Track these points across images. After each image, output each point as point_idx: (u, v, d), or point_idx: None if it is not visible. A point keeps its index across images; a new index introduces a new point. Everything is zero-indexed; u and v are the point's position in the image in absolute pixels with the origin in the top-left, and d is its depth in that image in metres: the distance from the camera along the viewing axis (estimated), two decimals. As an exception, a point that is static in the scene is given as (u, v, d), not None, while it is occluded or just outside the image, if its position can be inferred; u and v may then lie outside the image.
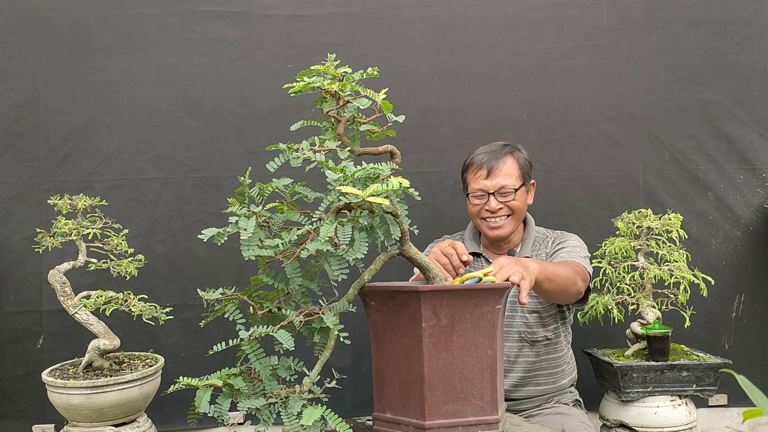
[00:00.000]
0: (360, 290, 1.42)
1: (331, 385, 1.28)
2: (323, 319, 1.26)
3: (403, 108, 2.39)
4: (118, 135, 2.35)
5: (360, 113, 1.41)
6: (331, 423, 1.24)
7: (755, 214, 2.51)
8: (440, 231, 2.43)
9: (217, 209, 2.37)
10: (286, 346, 1.21)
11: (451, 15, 2.46)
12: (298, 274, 1.27)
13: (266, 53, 2.40)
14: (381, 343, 1.43)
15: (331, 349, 1.34)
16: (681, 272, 1.96)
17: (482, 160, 1.98)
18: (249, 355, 1.26)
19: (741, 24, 2.50)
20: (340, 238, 1.20)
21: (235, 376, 1.28)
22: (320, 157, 1.28)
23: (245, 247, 1.20)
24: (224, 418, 1.24)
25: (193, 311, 2.35)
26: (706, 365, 1.94)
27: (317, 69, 1.40)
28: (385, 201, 1.19)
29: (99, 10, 2.35)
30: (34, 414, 2.29)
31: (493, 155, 1.98)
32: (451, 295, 1.30)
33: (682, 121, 2.50)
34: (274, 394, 1.25)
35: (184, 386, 1.24)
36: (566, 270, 1.74)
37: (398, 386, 1.38)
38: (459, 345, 1.31)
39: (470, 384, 1.31)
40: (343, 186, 1.19)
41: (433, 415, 1.31)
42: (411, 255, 1.41)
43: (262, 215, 1.28)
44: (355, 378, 2.39)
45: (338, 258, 1.21)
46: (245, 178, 1.32)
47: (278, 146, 1.33)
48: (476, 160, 1.99)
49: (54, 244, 1.83)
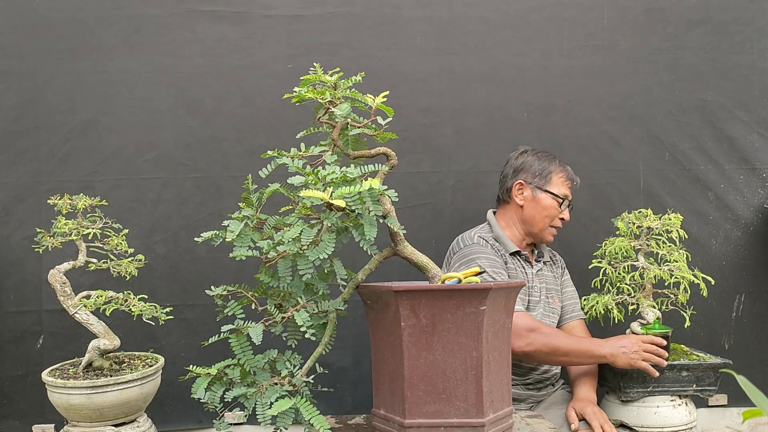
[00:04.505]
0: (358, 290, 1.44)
1: (308, 379, 1.35)
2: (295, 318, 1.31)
3: (403, 108, 2.42)
4: (118, 135, 2.35)
5: (358, 117, 1.42)
6: (306, 415, 1.26)
7: (755, 214, 2.50)
8: (440, 231, 2.43)
9: (217, 209, 2.37)
10: (255, 341, 1.30)
11: (451, 15, 2.46)
12: (289, 273, 1.32)
13: (266, 53, 2.40)
14: (375, 341, 1.44)
15: (323, 346, 1.38)
16: (681, 272, 1.96)
17: (570, 173, 2.13)
18: (235, 349, 1.34)
19: (741, 24, 2.50)
20: (303, 239, 1.24)
21: (232, 367, 1.36)
22: (298, 163, 1.33)
23: (236, 247, 1.30)
24: (215, 404, 1.35)
25: (193, 311, 2.35)
26: (706, 365, 1.94)
27: (307, 78, 1.42)
28: (342, 203, 1.22)
29: (99, 9, 2.35)
30: (34, 414, 2.29)
31: (573, 172, 2.15)
32: (429, 295, 1.30)
33: (682, 121, 2.50)
34: (259, 386, 1.31)
35: (195, 375, 1.36)
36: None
37: (388, 383, 1.39)
38: (441, 345, 1.30)
39: (453, 385, 1.31)
40: (308, 190, 1.24)
41: (413, 414, 1.31)
42: (407, 255, 1.42)
43: (255, 218, 1.34)
44: (355, 377, 2.39)
45: (304, 258, 1.26)
46: (250, 183, 1.37)
47: (267, 154, 1.39)
48: (566, 170, 2.13)
49: (54, 244, 1.83)
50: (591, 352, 1.90)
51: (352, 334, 2.35)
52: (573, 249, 2.32)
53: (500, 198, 2.20)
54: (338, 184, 1.26)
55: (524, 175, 2.12)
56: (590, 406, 1.92)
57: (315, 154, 1.40)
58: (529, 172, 2.11)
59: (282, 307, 1.37)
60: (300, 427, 1.33)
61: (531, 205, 2.09)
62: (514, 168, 2.14)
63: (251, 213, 1.35)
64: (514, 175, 2.13)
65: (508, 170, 2.16)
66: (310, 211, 1.32)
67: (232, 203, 2.34)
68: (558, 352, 1.90)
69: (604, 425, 1.84)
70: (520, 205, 2.11)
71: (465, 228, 2.24)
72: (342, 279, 1.36)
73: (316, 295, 1.40)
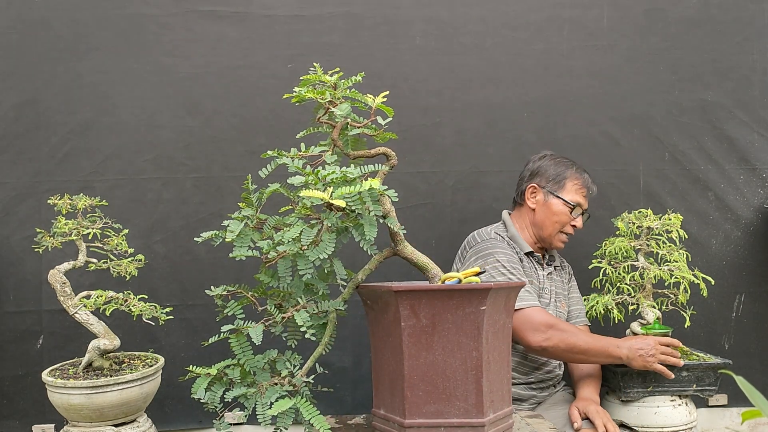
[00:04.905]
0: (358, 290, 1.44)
1: (308, 379, 1.35)
2: (295, 318, 1.31)
3: (403, 108, 2.42)
4: (118, 135, 2.35)
5: (358, 117, 1.42)
6: (306, 415, 1.27)
7: (755, 214, 2.50)
8: (440, 231, 2.43)
9: (217, 209, 2.37)
10: (255, 342, 1.31)
11: (451, 15, 2.46)
12: (289, 273, 1.32)
13: (266, 53, 2.40)
14: (375, 341, 1.44)
15: (323, 346, 1.39)
16: (681, 272, 1.96)
17: (587, 181, 2.12)
18: (235, 349, 1.34)
19: (741, 24, 2.50)
20: (303, 240, 1.24)
21: (232, 367, 1.36)
22: (298, 163, 1.33)
23: (236, 247, 1.30)
24: (215, 405, 1.36)
25: (193, 311, 2.35)
26: (706, 365, 1.94)
27: (307, 78, 1.42)
28: (342, 203, 1.22)
29: (99, 10, 2.35)
30: (34, 414, 2.29)
31: (591, 180, 2.14)
32: (429, 295, 1.30)
33: (682, 121, 2.50)
34: (259, 386, 1.31)
35: (195, 375, 1.37)
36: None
37: (388, 383, 1.39)
38: (441, 345, 1.30)
39: (453, 385, 1.31)
40: (308, 190, 1.25)
41: (414, 414, 1.31)
42: (407, 255, 1.42)
43: (255, 218, 1.35)
44: (355, 377, 2.39)
45: (304, 258, 1.27)
46: (250, 183, 1.37)
47: (267, 154, 1.39)
48: (583, 177, 2.12)
49: (54, 244, 1.83)
50: (608, 352, 1.89)
51: (352, 334, 2.35)
52: (573, 249, 2.32)
53: (515, 200, 2.21)
54: (338, 184, 1.26)
55: (538, 179, 2.12)
56: (593, 406, 1.92)
57: (315, 154, 1.41)
58: (544, 176, 2.11)
59: (282, 307, 1.37)
60: (300, 427, 1.33)
61: (542, 209, 2.10)
62: (531, 171, 2.15)
63: (251, 213, 1.35)
64: (530, 179, 2.14)
65: (525, 173, 2.17)
66: (310, 211, 1.32)
67: (232, 203, 2.34)
68: (575, 349, 1.89)
69: (607, 424, 1.85)
70: (532, 208, 2.12)
71: (465, 228, 2.24)
72: (342, 279, 1.36)
73: (316, 295, 1.40)
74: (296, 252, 1.25)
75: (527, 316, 1.90)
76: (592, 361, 1.96)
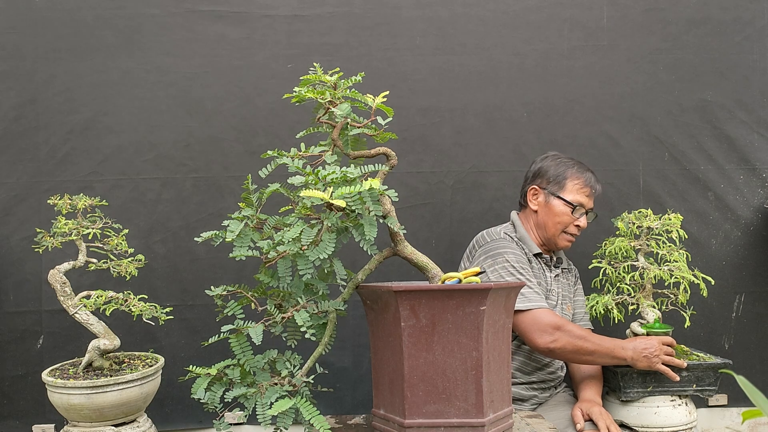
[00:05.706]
0: (358, 290, 1.44)
1: (308, 379, 1.35)
2: (295, 318, 1.31)
3: (403, 108, 2.42)
4: (118, 135, 2.35)
5: (358, 117, 1.42)
6: (306, 415, 1.27)
7: (755, 214, 2.50)
8: (440, 231, 2.43)
9: (217, 209, 2.37)
10: (255, 342, 1.31)
11: (451, 15, 2.46)
12: (289, 273, 1.33)
13: (266, 53, 2.40)
14: (375, 341, 1.44)
15: (323, 346, 1.39)
16: (681, 272, 1.96)
17: (590, 180, 2.10)
18: (235, 349, 1.35)
19: (741, 24, 2.50)
20: (303, 240, 1.24)
21: (232, 367, 1.37)
22: (298, 163, 1.33)
23: (236, 247, 1.30)
24: (215, 405, 1.36)
25: (193, 311, 2.35)
26: (706, 365, 1.94)
27: (307, 78, 1.42)
28: (342, 203, 1.22)
29: (99, 10, 2.35)
30: (34, 414, 2.29)
31: (596, 179, 2.12)
32: (429, 295, 1.30)
33: (682, 121, 2.50)
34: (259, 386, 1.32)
35: (195, 375, 1.37)
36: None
37: (388, 384, 1.39)
38: (441, 345, 1.30)
39: (453, 385, 1.31)
40: (308, 190, 1.25)
41: (413, 414, 1.31)
42: (406, 255, 1.42)
43: (255, 218, 1.35)
44: (355, 377, 2.40)
45: (304, 258, 1.27)
46: (250, 183, 1.37)
47: (267, 154, 1.39)
48: (585, 176, 2.10)
49: (54, 244, 1.83)
50: (614, 353, 1.89)
51: (352, 334, 2.35)
52: (573, 249, 2.32)
53: (520, 202, 2.21)
54: (338, 184, 1.26)
55: (539, 181, 2.12)
56: (597, 408, 1.92)
57: (315, 154, 1.41)
58: (545, 177, 2.11)
59: (282, 307, 1.37)
60: (300, 427, 1.33)
61: (544, 210, 2.09)
62: (533, 173, 2.15)
63: (251, 213, 1.35)
64: (531, 180, 2.14)
65: (528, 174, 2.17)
66: (310, 211, 1.32)
67: (232, 203, 2.34)
68: (582, 351, 1.89)
69: (610, 427, 1.85)
70: (535, 210, 2.12)
71: (465, 228, 2.24)
72: (342, 279, 1.36)
73: (316, 295, 1.40)
74: (296, 252, 1.25)
75: (535, 317, 1.90)
76: (597, 363, 1.96)
